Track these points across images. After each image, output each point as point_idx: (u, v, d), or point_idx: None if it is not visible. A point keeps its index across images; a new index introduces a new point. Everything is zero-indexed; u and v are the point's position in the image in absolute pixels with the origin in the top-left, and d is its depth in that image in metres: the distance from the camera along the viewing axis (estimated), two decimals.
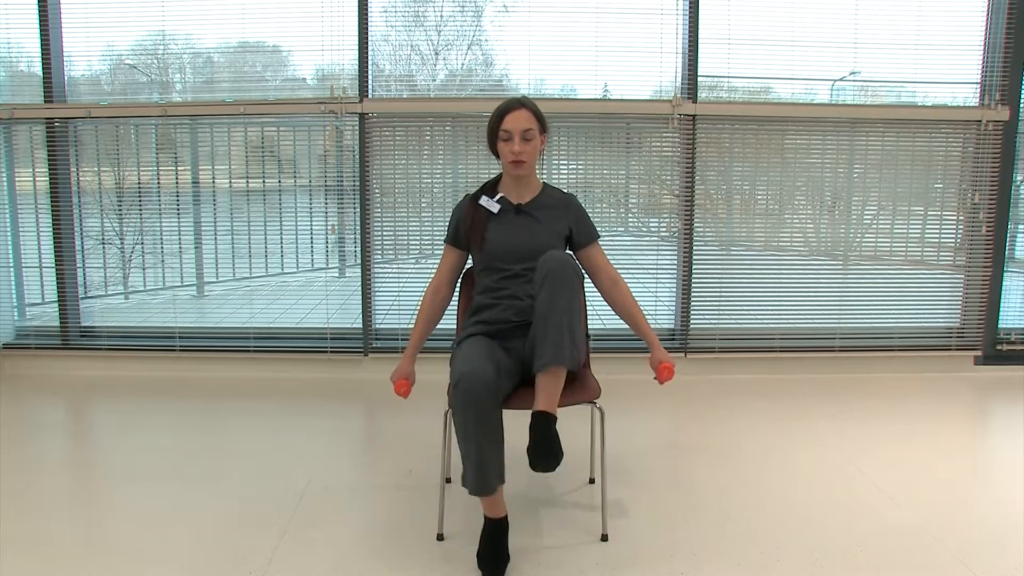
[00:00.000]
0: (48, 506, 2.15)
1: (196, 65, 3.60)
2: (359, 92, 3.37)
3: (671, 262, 3.57)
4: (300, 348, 3.53)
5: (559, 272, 1.79)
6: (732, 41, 3.40)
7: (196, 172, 3.55)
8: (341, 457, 2.57)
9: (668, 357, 2.04)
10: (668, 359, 2.03)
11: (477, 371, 1.75)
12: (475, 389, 1.73)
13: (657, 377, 2.03)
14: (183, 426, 2.88)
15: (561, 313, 1.77)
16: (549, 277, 1.79)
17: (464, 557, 1.88)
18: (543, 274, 1.80)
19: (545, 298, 1.79)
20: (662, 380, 2.02)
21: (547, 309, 1.78)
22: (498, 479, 1.81)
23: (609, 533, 1.99)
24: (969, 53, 3.50)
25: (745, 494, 2.26)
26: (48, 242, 3.53)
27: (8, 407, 3.06)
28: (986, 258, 3.57)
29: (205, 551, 1.90)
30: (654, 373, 2.04)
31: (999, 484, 2.37)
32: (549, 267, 1.80)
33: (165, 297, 3.72)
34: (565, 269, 1.80)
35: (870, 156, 3.53)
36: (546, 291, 1.79)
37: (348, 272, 3.73)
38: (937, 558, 1.89)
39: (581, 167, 3.51)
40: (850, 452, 2.59)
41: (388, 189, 3.46)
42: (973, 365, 3.64)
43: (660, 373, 2.02)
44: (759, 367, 3.56)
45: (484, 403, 1.74)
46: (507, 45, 3.53)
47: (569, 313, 1.78)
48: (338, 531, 2.02)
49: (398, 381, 2.03)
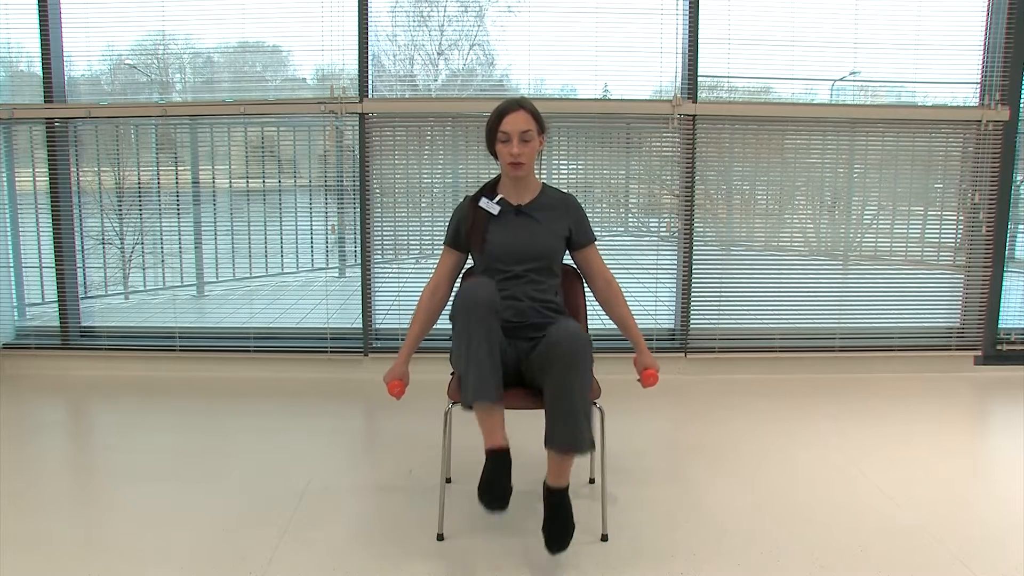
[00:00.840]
0: (48, 506, 2.15)
1: (196, 65, 3.59)
2: (359, 92, 3.37)
3: (671, 262, 3.57)
4: (300, 348, 3.53)
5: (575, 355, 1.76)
6: (732, 41, 3.41)
7: (196, 172, 3.55)
8: (341, 457, 2.57)
9: (654, 362, 2.07)
10: (653, 364, 2.06)
11: (482, 283, 1.82)
12: (479, 297, 1.78)
13: (641, 381, 2.05)
14: (183, 426, 2.88)
15: (576, 399, 1.77)
16: (564, 358, 1.76)
17: (464, 557, 1.88)
18: (557, 353, 1.77)
19: (559, 380, 1.77)
20: (646, 385, 2.05)
21: (562, 394, 1.77)
22: (495, 392, 1.79)
23: (609, 533, 1.99)
24: (969, 53, 3.50)
25: (745, 494, 2.26)
26: (48, 242, 3.53)
27: (8, 407, 3.06)
28: (986, 258, 3.57)
29: (205, 551, 1.90)
30: (638, 376, 2.06)
31: (999, 484, 2.37)
32: (565, 348, 1.76)
33: (165, 297, 3.72)
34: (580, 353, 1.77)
35: (870, 156, 3.53)
36: (560, 374, 1.76)
37: (348, 272, 3.73)
38: (937, 558, 1.89)
39: (581, 167, 3.51)
40: (850, 452, 2.59)
41: (388, 189, 3.46)
42: (973, 365, 3.64)
43: (645, 379, 2.05)
44: (759, 367, 3.56)
45: (487, 312, 1.78)
46: (507, 45, 3.53)
47: (583, 398, 1.78)
48: (338, 531, 2.02)
49: (391, 382, 2.03)
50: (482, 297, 1.79)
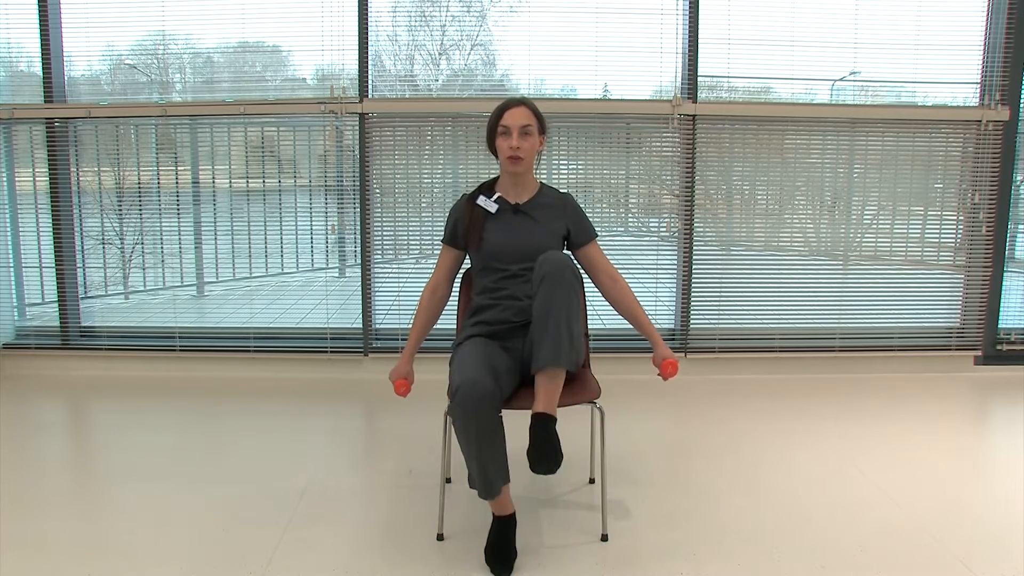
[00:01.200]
0: (48, 506, 2.15)
1: (196, 65, 3.59)
2: (359, 92, 3.37)
3: (671, 262, 3.57)
4: (300, 348, 3.53)
5: (557, 273, 1.79)
6: (732, 41, 3.41)
7: (196, 172, 3.55)
8: (341, 457, 2.57)
9: (671, 354, 2.05)
10: (672, 356, 2.04)
11: (475, 380, 1.74)
12: (473, 399, 1.73)
13: (661, 373, 2.03)
14: (183, 426, 2.88)
15: (559, 313, 1.77)
16: (547, 278, 1.79)
17: (464, 557, 1.88)
18: (540, 275, 1.80)
19: (543, 299, 1.79)
20: (666, 376, 2.02)
21: (545, 310, 1.78)
22: (502, 480, 1.82)
23: (609, 533, 1.99)
24: (969, 53, 3.50)
25: (745, 494, 2.26)
26: (48, 242, 3.53)
27: (8, 407, 3.06)
28: (986, 258, 3.57)
29: (205, 551, 1.90)
30: (657, 370, 2.04)
31: (999, 484, 2.37)
32: (547, 268, 1.80)
33: (165, 297, 3.72)
34: (563, 270, 1.79)
35: (870, 156, 3.52)
36: (544, 292, 1.79)
37: (348, 272, 3.73)
38: (937, 558, 1.89)
39: (581, 167, 3.51)
40: (850, 452, 2.59)
41: (388, 189, 3.46)
42: (973, 365, 3.64)
43: (664, 369, 2.02)
44: (759, 367, 3.56)
45: (483, 413, 1.74)
46: (507, 45, 3.53)
47: (568, 313, 1.78)
48: (338, 531, 2.02)
49: (397, 381, 2.03)
50: (475, 399, 1.73)
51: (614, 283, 2.13)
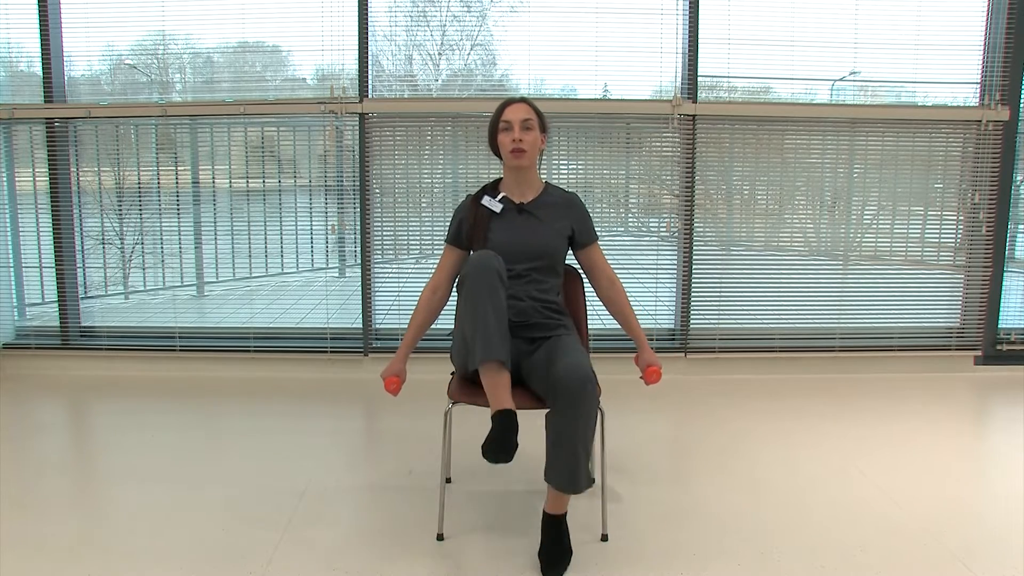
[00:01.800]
0: (48, 506, 2.15)
1: (196, 65, 3.59)
2: (359, 92, 3.37)
3: (671, 262, 3.57)
4: (300, 348, 3.53)
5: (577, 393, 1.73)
6: (732, 41, 3.41)
7: (196, 172, 3.55)
8: (341, 457, 2.57)
9: (656, 360, 2.07)
10: (656, 362, 2.06)
11: (491, 253, 1.83)
12: (487, 265, 1.79)
13: (644, 378, 2.05)
14: (183, 426, 2.88)
15: (578, 441, 1.76)
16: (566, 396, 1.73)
17: (464, 557, 1.88)
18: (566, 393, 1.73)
19: (561, 421, 1.75)
20: (649, 382, 2.05)
21: (564, 434, 1.76)
22: (503, 351, 1.78)
23: (609, 533, 1.98)
24: (969, 53, 3.50)
25: (745, 494, 2.26)
26: (48, 242, 3.53)
27: (8, 407, 3.06)
28: (986, 258, 3.57)
29: (205, 551, 1.90)
30: (640, 373, 2.07)
31: (999, 484, 2.37)
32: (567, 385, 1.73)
33: (165, 297, 3.72)
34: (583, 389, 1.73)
35: (870, 156, 3.53)
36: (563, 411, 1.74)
37: (348, 272, 3.73)
38: (937, 558, 1.89)
39: (581, 167, 3.51)
40: (850, 452, 2.59)
41: (388, 189, 3.46)
42: (973, 365, 3.64)
43: (648, 376, 2.05)
44: (759, 367, 3.56)
45: (495, 279, 1.79)
46: (507, 45, 3.53)
47: (585, 439, 1.77)
48: (338, 531, 2.02)
49: (388, 378, 2.03)
50: (491, 265, 1.80)
51: (611, 284, 2.14)
